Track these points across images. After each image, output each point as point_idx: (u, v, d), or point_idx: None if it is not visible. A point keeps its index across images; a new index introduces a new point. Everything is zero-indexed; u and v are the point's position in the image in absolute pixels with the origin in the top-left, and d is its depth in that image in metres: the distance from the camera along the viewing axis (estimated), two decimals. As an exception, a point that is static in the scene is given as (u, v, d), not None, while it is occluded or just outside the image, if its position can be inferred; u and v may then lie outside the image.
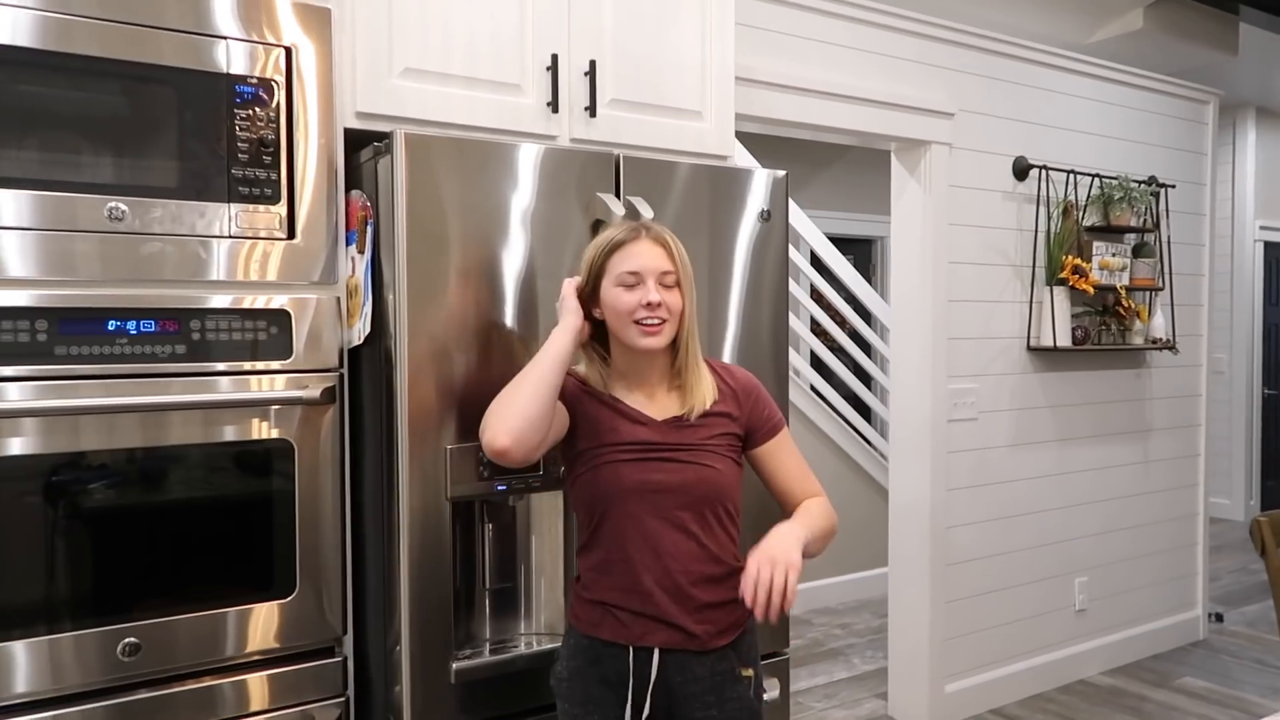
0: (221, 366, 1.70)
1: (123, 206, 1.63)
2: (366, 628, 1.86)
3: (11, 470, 1.54)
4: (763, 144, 5.59)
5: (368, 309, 1.79)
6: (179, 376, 1.67)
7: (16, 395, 1.55)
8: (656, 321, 1.60)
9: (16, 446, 1.55)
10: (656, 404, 1.66)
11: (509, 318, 1.81)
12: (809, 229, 5.21)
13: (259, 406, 1.72)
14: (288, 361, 1.76)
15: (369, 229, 1.80)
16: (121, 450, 1.62)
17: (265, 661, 1.75)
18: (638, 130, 2.19)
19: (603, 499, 1.61)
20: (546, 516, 1.90)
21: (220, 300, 1.70)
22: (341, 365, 1.83)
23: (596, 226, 1.90)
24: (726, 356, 2.06)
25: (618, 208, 1.88)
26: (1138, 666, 3.97)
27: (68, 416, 1.58)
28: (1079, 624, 3.86)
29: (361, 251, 1.81)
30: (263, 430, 1.73)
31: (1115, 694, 3.69)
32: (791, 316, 5.14)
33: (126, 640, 1.61)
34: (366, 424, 1.85)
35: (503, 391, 1.58)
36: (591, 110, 2.10)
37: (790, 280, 5.13)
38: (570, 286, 1.66)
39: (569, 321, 1.62)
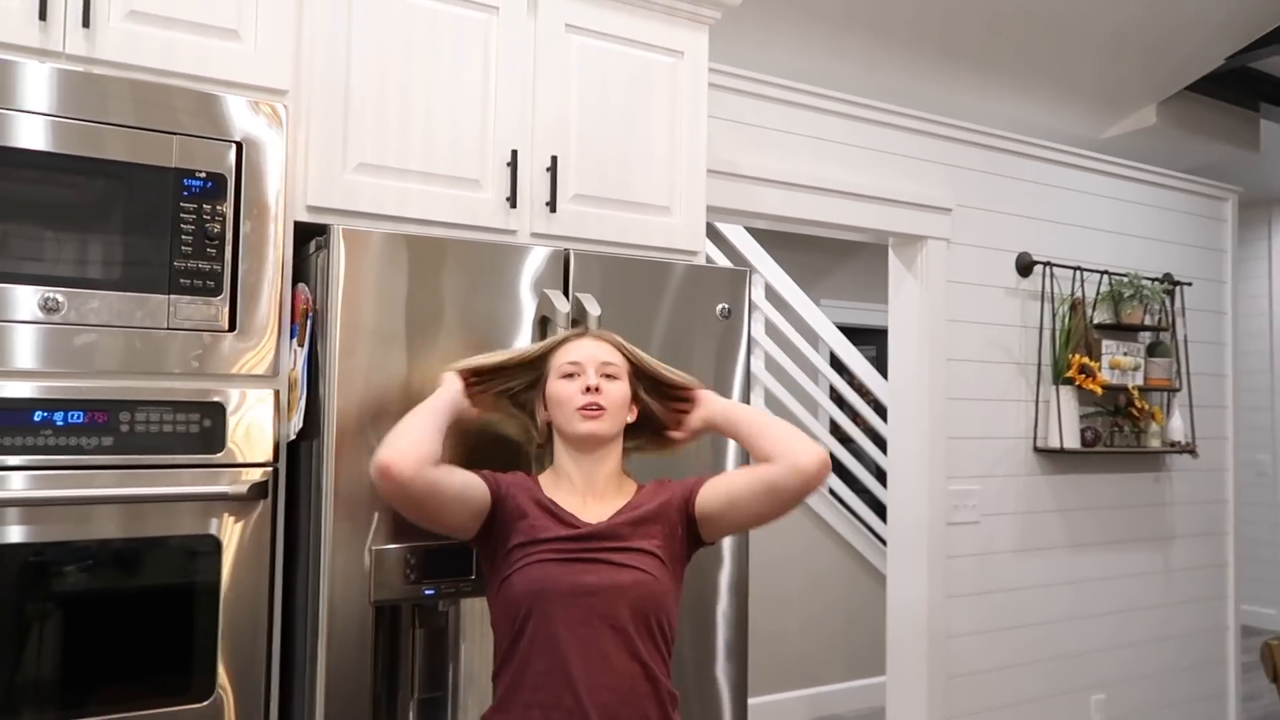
0: (149, 459, 1.68)
1: (58, 297, 1.64)
2: (292, 734, 1.79)
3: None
4: (780, 236, 5.60)
5: (303, 403, 1.77)
6: (105, 469, 1.65)
7: (-69, 486, 1.53)
8: (597, 407, 1.58)
9: (-73, 538, 1.52)
10: (594, 508, 1.61)
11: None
12: (826, 327, 5.15)
13: (185, 502, 1.69)
14: (218, 455, 1.73)
15: (309, 322, 1.79)
16: (37, 544, 1.59)
17: (177, 769, 1.68)
18: (601, 225, 2.17)
19: (529, 598, 1.52)
20: (479, 623, 1.83)
21: (151, 392, 1.69)
22: (277, 460, 1.80)
23: (544, 324, 1.87)
24: (676, 465, 2.00)
25: (563, 304, 1.85)
26: (1164, 793, 3.71)
27: (-18, 508, 1.55)
28: (1097, 744, 3.63)
29: (301, 345, 1.80)
30: (188, 525, 1.70)
31: (1137, 823, 3.44)
32: (809, 417, 5.09)
33: (26, 744, 1.56)
34: (301, 521, 1.81)
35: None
36: (552, 205, 2.09)
37: (809, 380, 5.10)
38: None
39: (450, 384, 1.66)
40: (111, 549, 1.64)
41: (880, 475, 5.50)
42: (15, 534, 1.58)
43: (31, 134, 1.62)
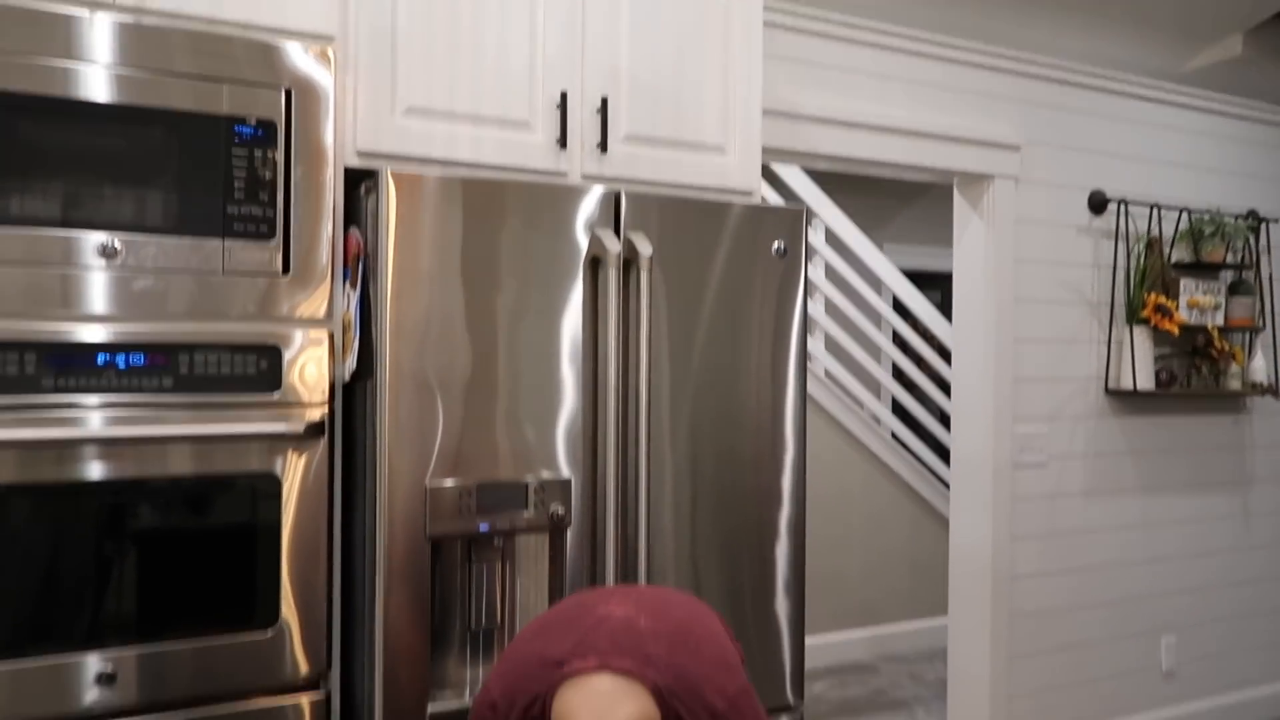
0: (209, 400, 1.72)
1: (116, 243, 1.68)
2: (354, 665, 1.85)
3: (-4, 499, 1.58)
4: (841, 180, 5.48)
5: (356, 345, 1.79)
6: (166, 409, 1.70)
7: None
8: None
9: None
10: None
11: (496, 357, 1.78)
12: (889, 271, 5.07)
13: (244, 441, 1.74)
14: (275, 396, 1.77)
15: (360, 265, 1.81)
16: (105, 481, 1.65)
17: (243, 693, 1.74)
18: (654, 166, 2.14)
19: None
20: (533, 558, 1.85)
21: (210, 335, 1.73)
22: (333, 400, 1.83)
23: (595, 264, 1.86)
24: (732, 406, 1.98)
25: (614, 244, 1.84)
26: (1236, 740, 3.64)
27: (51, 448, 1.62)
28: (1166, 688, 3.57)
29: (354, 287, 1.82)
30: (247, 463, 1.74)
31: (1206, 771, 3.39)
32: (872, 362, 5.03)
33: (101, 670, 1.64)
34: (357, 459, 1.84)
35: None
36: (603, 146, 2.07)
37: (872, 325, 5.04)
38: None
39: None
40: (177, 486, 1.70)
41: (945, 419, 5.42)
42: (77, 472, 1.63)
43: (90, 85, 1.65)
